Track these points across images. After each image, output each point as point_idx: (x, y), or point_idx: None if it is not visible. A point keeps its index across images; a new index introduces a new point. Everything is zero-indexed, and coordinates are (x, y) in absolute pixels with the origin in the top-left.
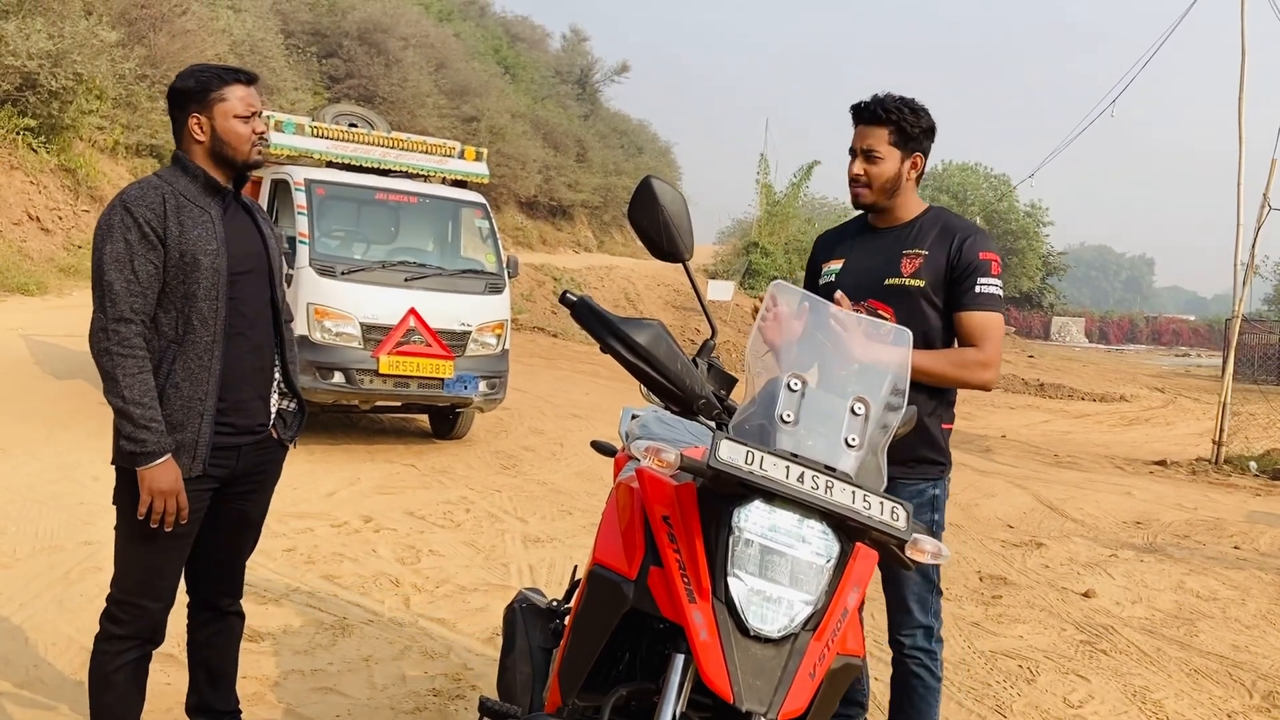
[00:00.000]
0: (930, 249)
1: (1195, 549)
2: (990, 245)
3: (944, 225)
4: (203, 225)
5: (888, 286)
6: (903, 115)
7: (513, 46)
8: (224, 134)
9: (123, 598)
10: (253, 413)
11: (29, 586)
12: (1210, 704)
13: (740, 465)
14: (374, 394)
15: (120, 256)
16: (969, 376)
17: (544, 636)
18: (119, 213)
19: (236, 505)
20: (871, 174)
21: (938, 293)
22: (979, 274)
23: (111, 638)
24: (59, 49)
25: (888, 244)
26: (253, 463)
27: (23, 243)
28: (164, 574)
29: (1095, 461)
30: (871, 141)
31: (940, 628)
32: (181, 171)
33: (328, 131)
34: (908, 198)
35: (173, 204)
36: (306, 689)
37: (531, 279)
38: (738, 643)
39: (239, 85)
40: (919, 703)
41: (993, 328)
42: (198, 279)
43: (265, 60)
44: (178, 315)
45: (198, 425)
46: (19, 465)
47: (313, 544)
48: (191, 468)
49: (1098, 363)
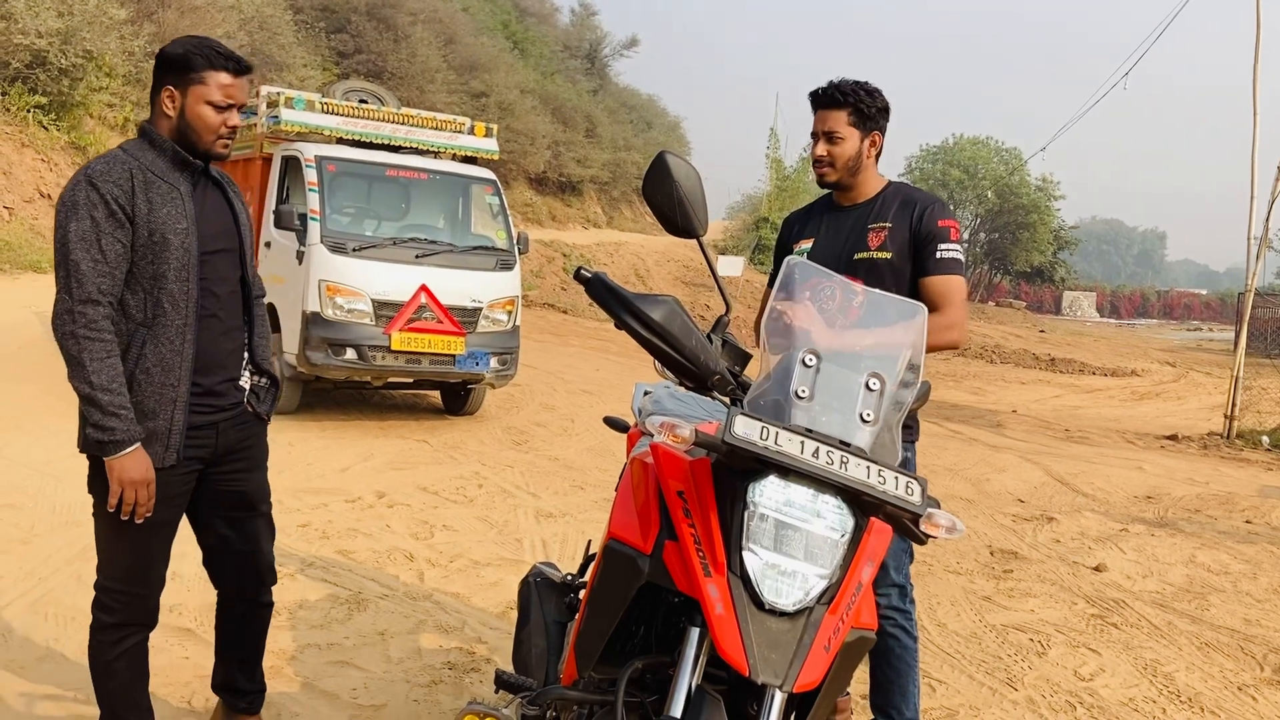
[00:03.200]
0: (893, 221)
1: (1206, 523)
2: (949, 213)
3: (904, 198)
4: (172, 203)
5: (857, 260)
6: (859, 97)
7: (521, 21)
8: (191, 117)
9: (111, 585)
10: (224, 392)
11: (48, 561)
12: (1221, 677)
13: (755, 441)
14: (386, 370)
15: (86, 235)
16: (935, 340)
17: (559, 610)
18: (84, 189)
19: (231, 486)
20: (834, 154)
21: (904, 263)
22: (939, 240)
23: (106, 627)
24: (68, 26)
25: (854, 220)
26: (235, 439)
27: (34, 220)
28: (152, 562)
29: (1106, 436)
30: (832, 124)
31: (912, 590)
32: (149, 145)
33: (338, 108)
34: (869, 175)
35: (140, 180)
36: (323, 662)
37: (541, 255)
38: (753, 616)
39: (225, 73)
40: (897, 663)
41: (955, 290)
42: (167, 259)
43: (274, 36)
44: (146, 297)
45: (170, 413)
46: (36, 441)
47: (327, 519)
48: (165, 457)
49: (1109, 337)
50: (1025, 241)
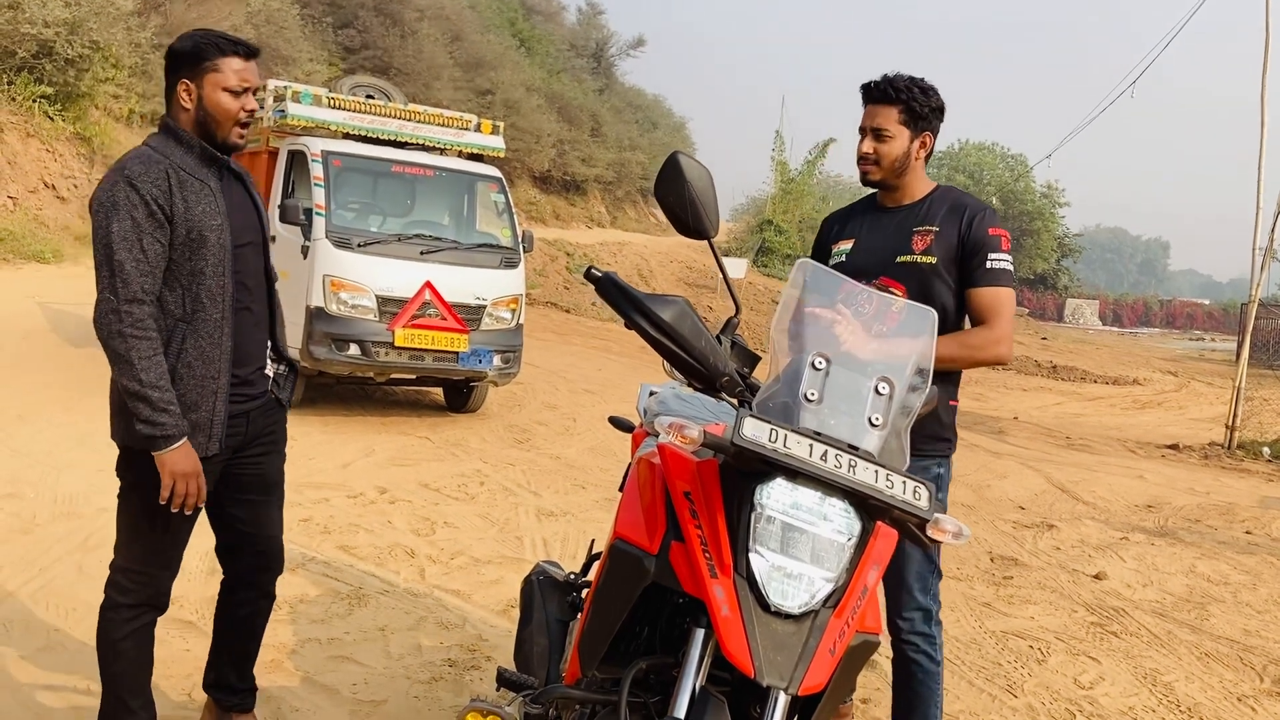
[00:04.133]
0: (941, 226)
1: (1207, 533)
2: (999, 222)
3: (953, 203)
4: (206, 199)
5: (899, 264)
6: (912, 95)
7: (528, 19)
8: (210, 106)
9: (130, 567)
10: (256, 382)
11: (49, 551)
12: (1221, 687)
13: (764, 443)
14: (389, 366)
15: (128, 235)
16: (981, 355)
17: (561, 609)
18: (124, 189)
19: (252, 469)
20: (880, 152)
21: (949, 270)
22: (989, 250)
23: (118, 606)
24: (76, 17)
25: (898, 222)
26: (261, 426)
27: (39, 210)
28: (175, 543)
29: (1107, 444)
30: (881, 120)
31: (939, 610)
32: (175, 141)
33: (345, 103)
34: (917, 176)
35: (175, 179)
36: (323, 657)
37: (544, 254)
38: (759, 618)
39: (236, 58)
40: (919, 686)
41: (1004, 303)
42: (205, 255)
43: (281, 30)
44: (184, 293)
45: (211, 404)
46: (39, 431)
47: (329, 514)
48: (207, 447)
49: (1111, 346)
50: (1029, 248)
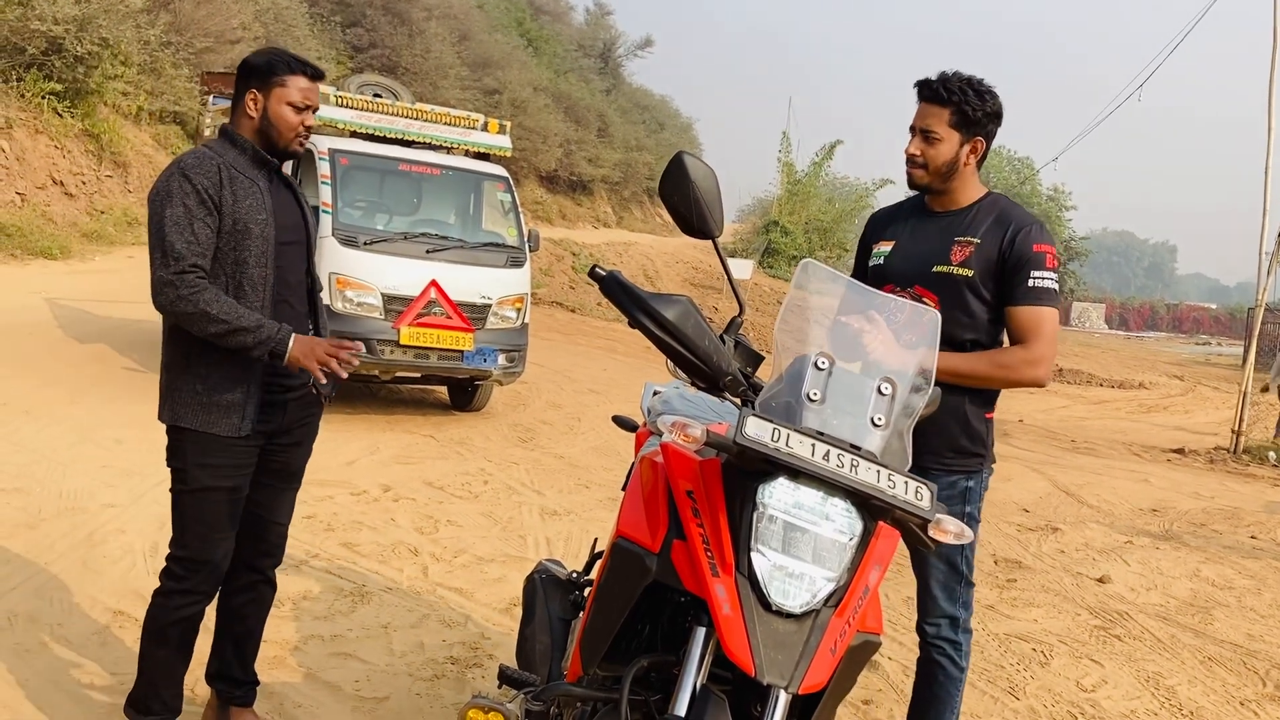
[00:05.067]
0: (983, 238)
1: (1212, 537)
2: (1046, 238)
3: (999, 214)
4: (253, 196)
5: (935, 274)
6: (966, 97)
7: (536, 19)
8: (274, 117)
9: (183, 554)
10: (294, 372)
11: (54, 547)
12: (1223, 691)
13: (766, 442)
14: (394, 365)
15: (180, 220)
16: (1014, 376)
17: (563, 607)
18: (177, 179)
19: (279, 458)
20: (928, 155)
21: (986, 284)
22: (1032, 267)
23: (172, 592)
24: (85, 14)
25: (940, 229)
26: (295, 417)
27: (46, 207)
28: (222, 528)
29: (1112, 448)
30: (931, 121)
31: (968, 619)
32: (230, 145)
33: (353, 101)
34: (966, 182)
35: (226, 175)
36: (326, 654)
37: (550, 254)
38: (760, 617)
39: (303, 77)
40: (939, 690)
41: (1045, 322)
42: (249, 246)
43: (289, 29)
44: (228, 281)
45: (247, 386)
46: (43, 427)
47: (332, 511)
48: (241, 427)
49: (1117, 349)
50: None
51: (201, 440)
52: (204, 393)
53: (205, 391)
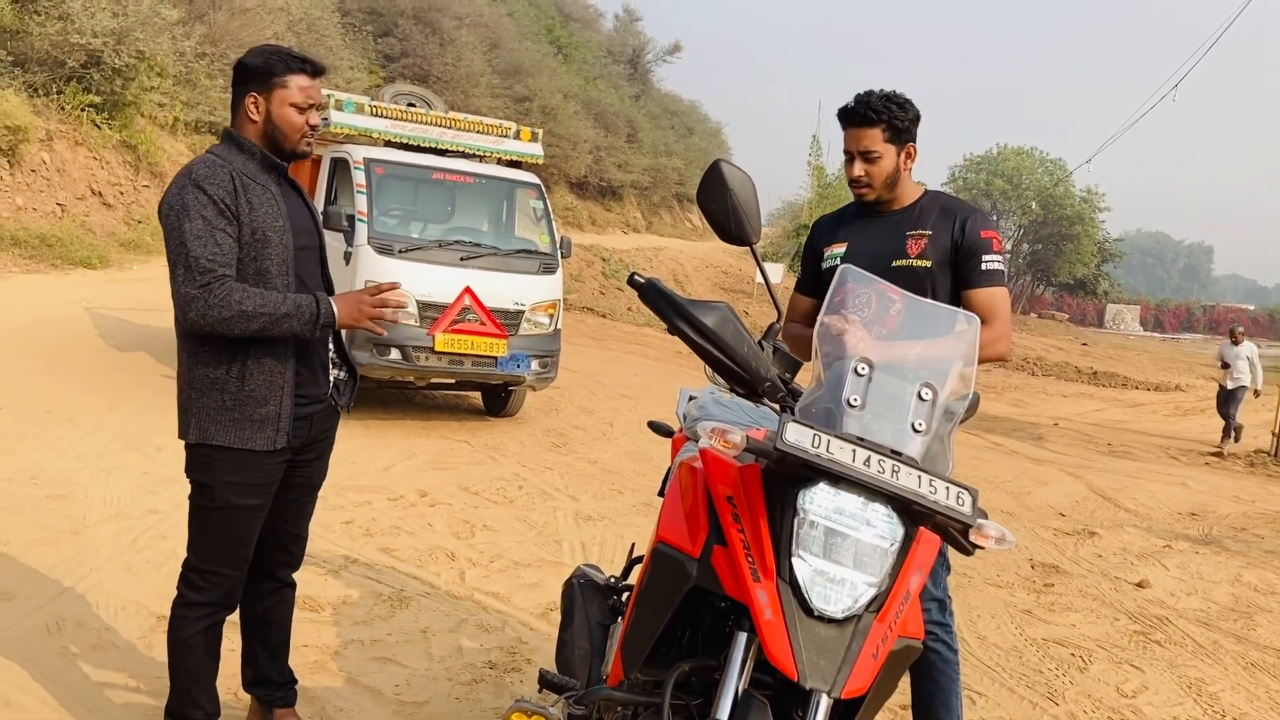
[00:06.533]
0: (934, 229)
1: (1253, 542)
2: (990, 224)
3: (943, 206)
4: (268, 202)
5: (895, 268)
6: (891, 112)
7: (565, 26)
8: (278, 120)
9: (201, 565)
10: (319, 382)
11: (98, 552)
12: (1267, 698)
13: (807, 448)
14: (429, 371)
15: (201, 233)
16: (985, 353)
17: (602, 612)
18: (192, 192)
19: (301, 472)
20: (872, 173)
21: (944, 272)
22: (983, 252)
23: (190, 604)
24: (122, 27)
25: (890, 226)
26: (319, 430)
27: (85, 217)
28: (243, 542)
29: (1149, 451)
30: (867, 142)
31: (950, 602)
32: (237, 149)
33: (387, 111)
34: (906, 183)
35: (239, 183)
36: (366, 659)
37: (580, 259)
38: (801, 622)
39: (303, 75)
40: (939, 676)
41: (1000, 302)
42: (269, 254)
43: (322, 39)
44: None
45: (279, 398)
46: (87, 435)
47: (370, 517)
48: (276, 440)
49: (1153, 351)
50: (1069, 253)
51: (233, 457)
52: (234, 408)
53: (236, 406)
